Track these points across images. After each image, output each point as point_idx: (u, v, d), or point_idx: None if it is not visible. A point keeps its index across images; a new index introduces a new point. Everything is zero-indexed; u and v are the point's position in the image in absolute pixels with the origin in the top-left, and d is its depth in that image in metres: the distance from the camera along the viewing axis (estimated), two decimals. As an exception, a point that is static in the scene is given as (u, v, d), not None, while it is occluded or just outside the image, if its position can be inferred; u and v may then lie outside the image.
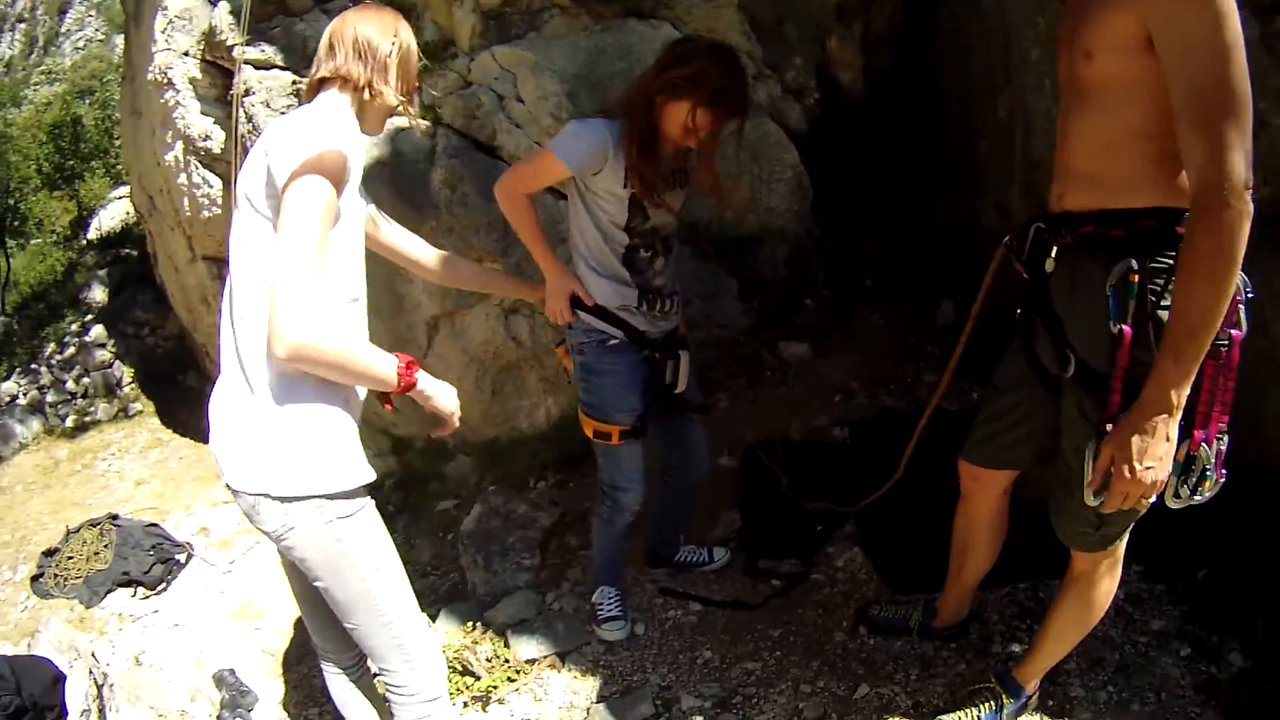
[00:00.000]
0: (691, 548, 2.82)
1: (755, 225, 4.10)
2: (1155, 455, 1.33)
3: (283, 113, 4.45)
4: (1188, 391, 1.31)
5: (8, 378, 7.90)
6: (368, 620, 1.65)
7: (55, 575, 5.22)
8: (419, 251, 2.10)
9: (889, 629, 2.33)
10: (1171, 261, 1.33)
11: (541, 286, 2.18)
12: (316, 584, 1.62)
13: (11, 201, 12.78)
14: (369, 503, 1.63)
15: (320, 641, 1.90)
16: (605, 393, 2.18)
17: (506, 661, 2.55)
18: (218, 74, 5.05)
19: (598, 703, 2.34)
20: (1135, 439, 1.33)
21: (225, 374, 1.62)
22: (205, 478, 6.24)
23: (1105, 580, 1.72)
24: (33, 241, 13.90)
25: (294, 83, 4.45)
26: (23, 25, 32.59)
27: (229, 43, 4.79)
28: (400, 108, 1.74)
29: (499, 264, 3.67)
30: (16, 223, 13.17)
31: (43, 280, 11.12)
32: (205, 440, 6.75)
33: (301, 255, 1.43)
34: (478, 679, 2.51)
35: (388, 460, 4.47)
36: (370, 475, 1.62)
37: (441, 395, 1.71)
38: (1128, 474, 1.35)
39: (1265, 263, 1.95)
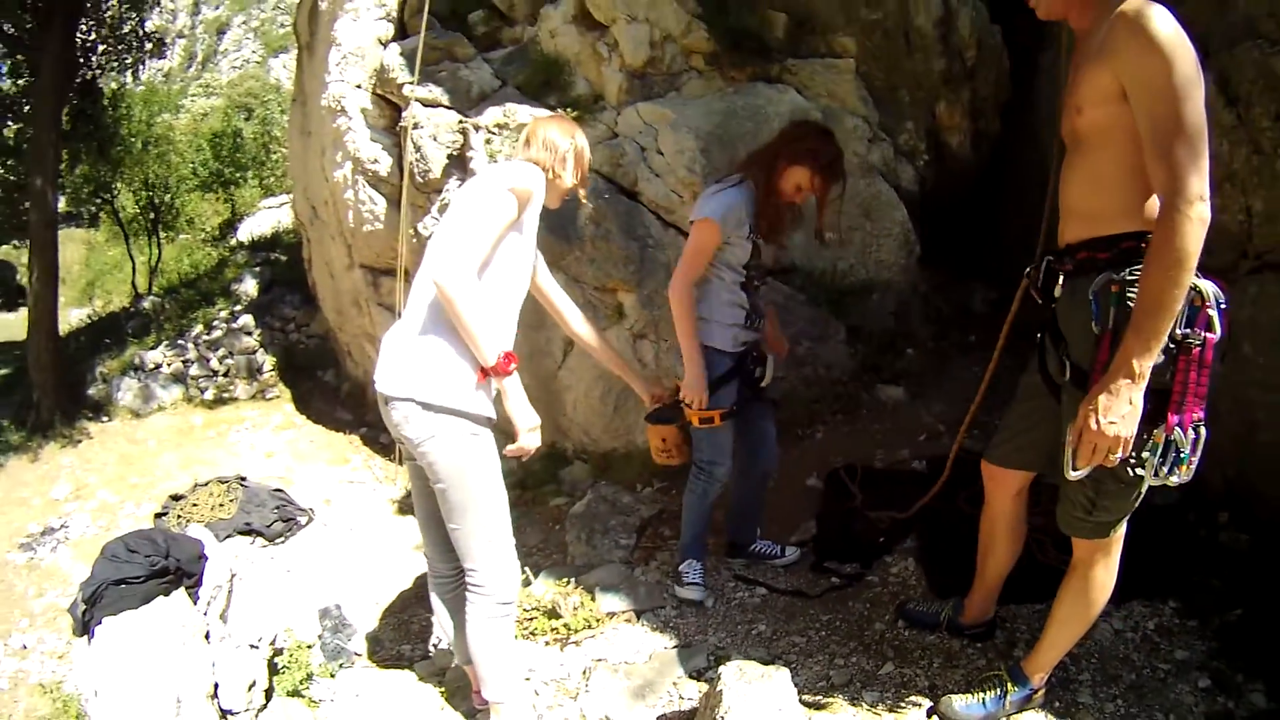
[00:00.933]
0: (768, 542, 3.19)
1: (864, 277, 4.43)
2: (1119, 413, 1.54)
3: (448, 147, 5.07)
4: (1150, 364, 1.52)
5: (155, 347, 8.46)
6: (471, 522, 2.05)
7: (179, 516, 5.56)
8: (560, 301, 2.54)
9: (921, 622, 2.56)
10: None
11: (643, 381, 2.78)
12: (437, 486, 2.02)
13: (168, 198, 14.06)
14: (491, 434, 2.07)
15: (430, 552, 2.31)
16: (714, 388, 2.68)
17: (590, 611, 2.93)
18: (386, 106, 5.75)
19: (660, 651, 2.68)
20: (1102, 397, 1.55)
21: (405, 315, 2.06)
22: (334, 460, 6.77)
23: (1100, 569, 1.88)
24: (181, 236, 15.26)
25: (459, 121, 5.05)
26: (182, 41, 35.66)
27: (399, 81, 5.47)
28: (574, 189, 2.29)
29: (634, 294, 4.13)
30: (170, 217, 14.46)
31: (192, 271, 12.17)
32: (339, 429, 7.29)
33: (481, 227, 1.94)
34: (563, 622, 2.90)
35: (509, 461, 4.92)
36: (494, 413, 2.06)
37: (520, 410, 2.05)
38: (1094, 426, 1.55)
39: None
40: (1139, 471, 1.63)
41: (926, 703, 2.21)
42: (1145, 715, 2.10)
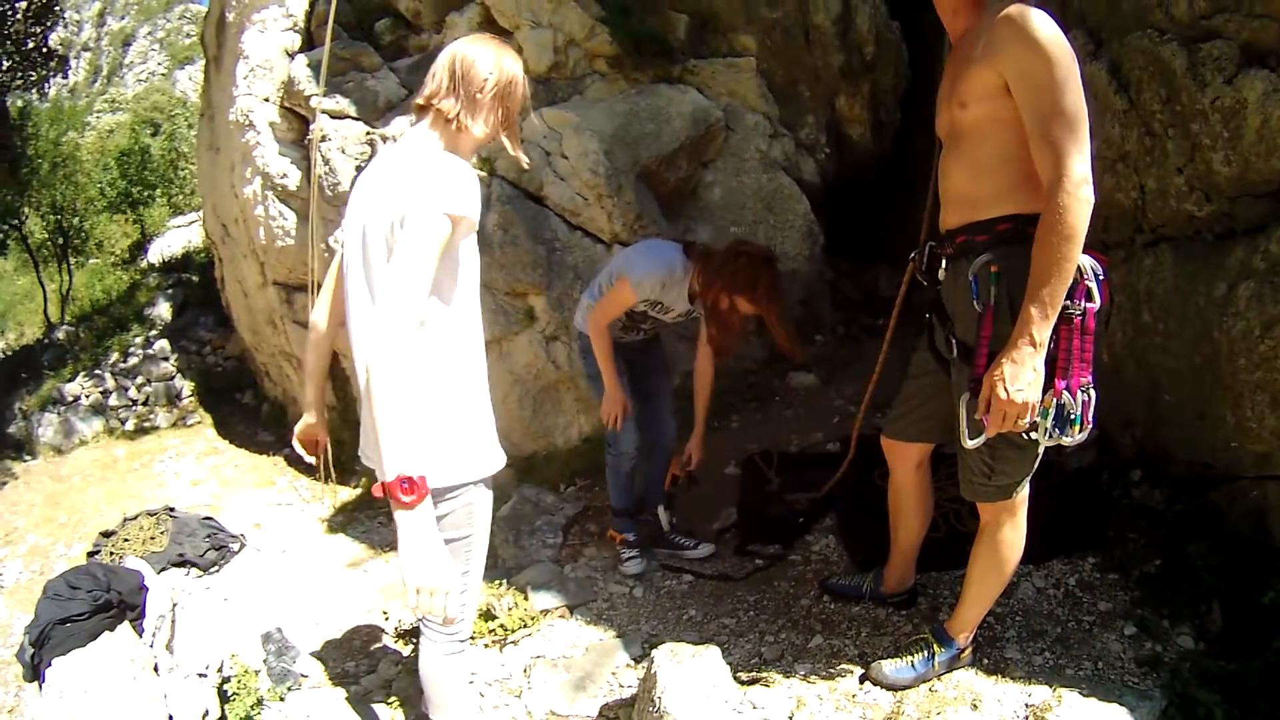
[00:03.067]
0: (683, 537, 3.28)
1: (769, 268, 4.55)
2: (1025, 380, 1.63)
3: (356, 159, 5.01)
4: (1048, 333, 1.63)
5: (72, 379, 8.30)
6: (456, 567, 1.90)
7: (111, 554, 5.27)
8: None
9: (845, 594, 2.65)
10: (1024, 254, 1.67)
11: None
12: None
13: (77, 221, 13.50)
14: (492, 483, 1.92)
15: None
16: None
17: (524, 611, 2.97)
18: (294, 119, 5.64)
19: (596, 643, 2.74)
20: (1007, 367, 1.64)
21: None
22: (261, 482, 6.62)
23: (1007, 529, 1.97)
24: (91, 261, 14.66)
25: (367, 133, 5.01)
26: (87, 54, 34.10)
27: (306, 93, 5.38)
28: (491, 139, 1.76)
29: (543, 296, 4.17)
30: (79, 241, 13.88)
31: (104, 296, 11.74)
32: (263, 452, 7.19)
33: (412, 282, 1.52)
34: (499, 623, 2.93)
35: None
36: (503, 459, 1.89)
37: (416, 559, 1.49)
38: (1002, 394, 1.64)
39: (1205, 274, 2.40)
40: (1033, 435, 1.73)
41: (858, 670, 2.28)
42: (1074, 665, 2.16)
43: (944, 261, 1.94)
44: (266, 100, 5.75)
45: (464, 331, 1.76)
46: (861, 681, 2.24)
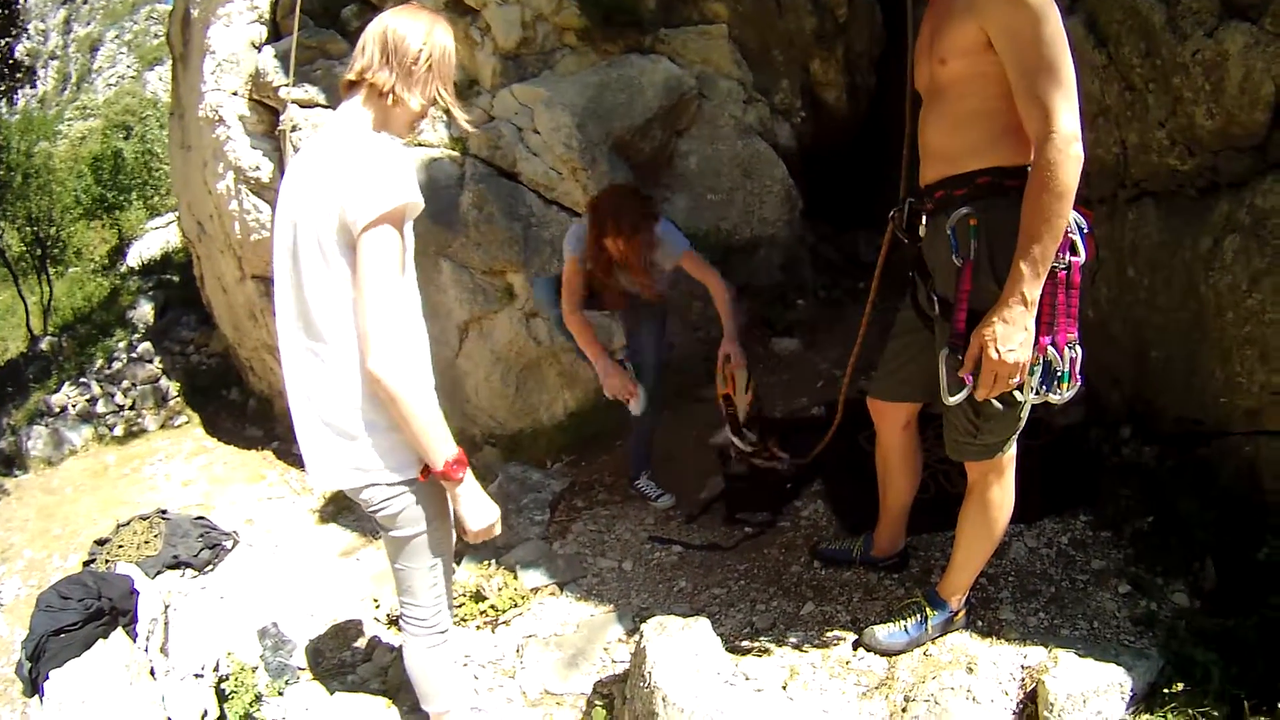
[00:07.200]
0: (651, 484, 3.42)
1: (749, 235, 4.54)
2: (1016, 340, 1.61)
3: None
4: (1039, 291, 1.60)
5: (58, 390, 8.26)
6: (423, 562, 1.88)
7: (106, 561, 5.23)
8: None
9: (835, 559, 2.63)
10: (1004, 207, 1.67)
11: None
12: (393, 533, 1.87)
13: (54, 231, 13.37)
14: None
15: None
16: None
17: (515, 590, 2.99)
18: (264, 111, 5.58)
19: (587, 619, 2.72)
20: (999, 326, 1.61)
21: (306, 390, 1.74)
22: (251, 478, 6.63)
23: (995, 489, 1.94)
24: (71, 270, 14.53)
25: (335, 119, 4.95)
26: (55, 62, 33.60)
27: (275, 84, 5.32)
28: (425, 114, 1.73)
29: (521, 273, 4.15)
30: (57, 251, 13.76)
31: (85, 304, 11.65)
32: (251, 447, 7.22)
33: (383, 297, 1.57)
34: (490, 604, 2.94)
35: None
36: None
37: (475, 511, 1.72)
38: (994, 355, 1.61)
39: (1190, 228, 2.38)
40: (1017, 394, 1.70)
41: (851, 636, 2.25)
42: (1069, 625, 2.14)
43: (924, 217, 1.91)
44: (235, 94, 5.68)
45: (406, 315, 1.73)
46: (855, 648, 2.21)
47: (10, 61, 10.23)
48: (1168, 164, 2.44)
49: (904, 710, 1.98)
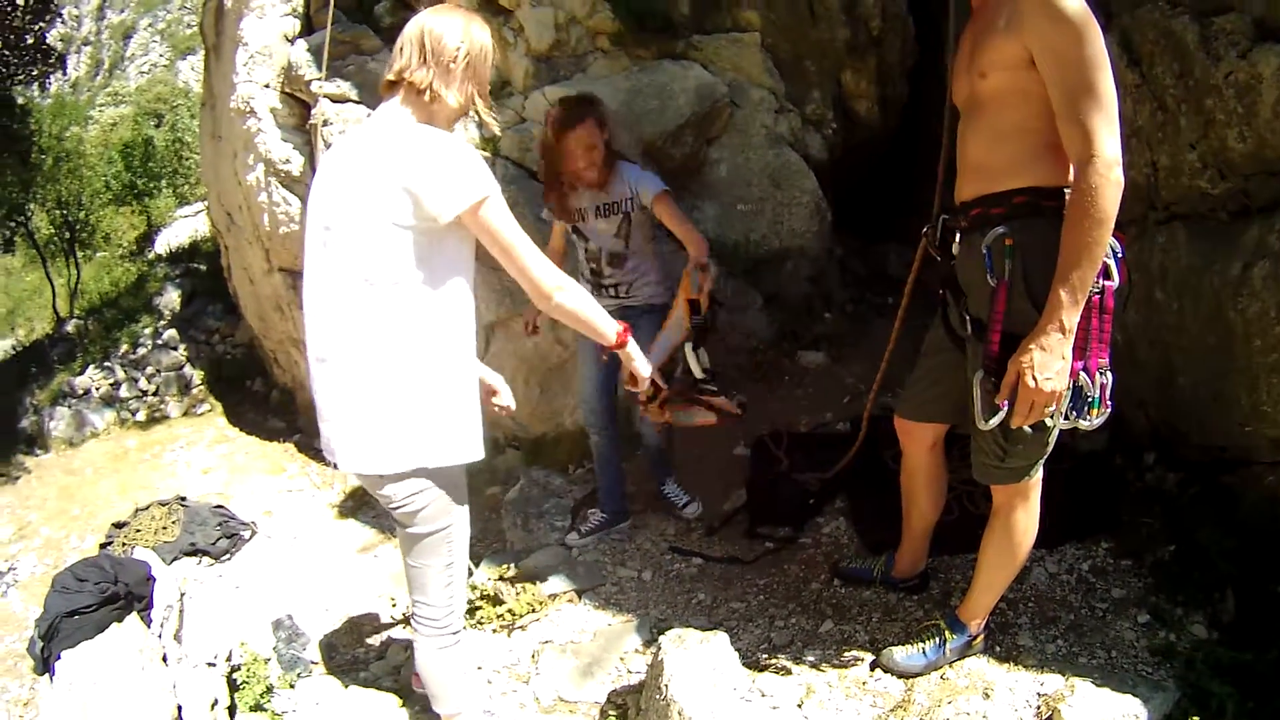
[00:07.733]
0: (677, 489, 3.39)
1: (777, 246, 4.51)
2: (1053, 368, 1.58)
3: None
4: (1077, 318, 1.57)
5: (82, 372, 8.37)
6: (439, 561, 1.92)
7: (123, 544, 5.33)
8: None
9: (856, 578, 2.62)
10: (1040, 228, 1.65)
11: None
12: (411, 529, 1.89)
13: (83, 215, 13.56)
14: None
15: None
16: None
17: (533, 595, 2.98)
18: (295, 105, 5.61)
19: (604, 628, 2.71)
20: (1036, 354, 1.58)
21: (347, 372, 1.77)
22: (271, 469, 6.66)
23: (1020, 513, 1.92)
24: (99, 254, 14.73)
25: (369, 116, 4.96)
26: (88, 48, 34.09)
27: (307, 78, 5.35)
28: (466, 111, 1.77)
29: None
30: (86, 235, 13.96)
31: (112, 289, 11.80)
32: (273, 438, 7.28)
33: (525, 249, 1.73)
34: (507, 608, 2.93)
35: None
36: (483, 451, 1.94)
37: (641, 361, 2.07)
38: (1030, 383, 1.59)
39: (1220, 253, 2.35)
40: (1047, 419, 1.67)
41: (868, 657, 2.24)
42: (1087, 653, 2.13)
43: (958, 235, 1.89)
44: (267, 86, 5.71)
45: (459, 310, 1.81)
46: (872, 668, 2.21)
47: (43, 47, 10.36)
48: (1199, 187, 2.41)
49: (920, 734, 1.97)
